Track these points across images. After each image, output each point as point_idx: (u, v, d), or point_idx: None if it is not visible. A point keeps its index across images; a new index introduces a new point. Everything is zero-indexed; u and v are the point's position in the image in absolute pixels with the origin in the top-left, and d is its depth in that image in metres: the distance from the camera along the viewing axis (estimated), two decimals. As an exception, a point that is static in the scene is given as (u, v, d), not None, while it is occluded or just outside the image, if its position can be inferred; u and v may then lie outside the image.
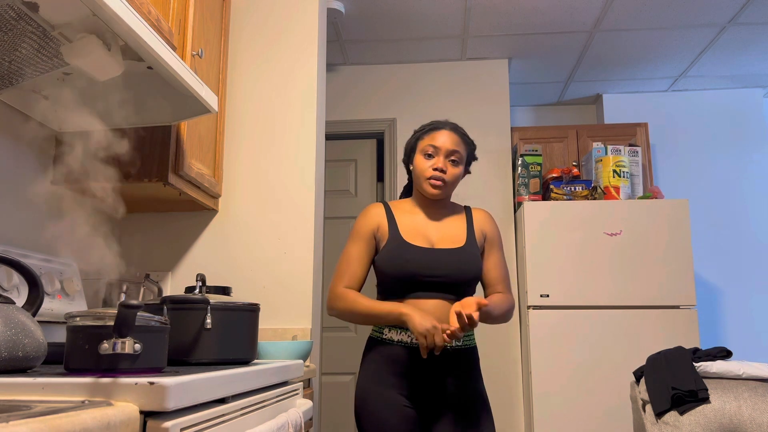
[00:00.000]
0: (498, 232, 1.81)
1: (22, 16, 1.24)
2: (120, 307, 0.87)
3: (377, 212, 1.75)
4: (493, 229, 1.79)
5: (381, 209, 1.76)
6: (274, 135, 2.34)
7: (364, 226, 1.73)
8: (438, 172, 1.68)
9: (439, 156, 1.69)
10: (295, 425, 1.23)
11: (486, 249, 1.78)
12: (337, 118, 3.92)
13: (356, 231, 1.74)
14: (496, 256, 1.77)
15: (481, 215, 1.81)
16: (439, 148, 1.69)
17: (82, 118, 1.65)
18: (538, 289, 3.25)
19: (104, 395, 0.76)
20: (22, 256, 1.54)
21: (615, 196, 3.43)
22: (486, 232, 1.78)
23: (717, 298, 4.08)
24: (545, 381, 3.17)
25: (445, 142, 1.70)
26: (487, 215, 1.81)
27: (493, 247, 1.78)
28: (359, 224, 1.74)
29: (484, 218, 1.80)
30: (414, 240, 1.69)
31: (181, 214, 2.28)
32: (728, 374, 2.06)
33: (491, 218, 1.82)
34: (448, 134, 1.71)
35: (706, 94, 4.30)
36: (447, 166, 1.70)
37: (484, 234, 1.78)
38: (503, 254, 1.80)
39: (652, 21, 3.39)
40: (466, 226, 1.76)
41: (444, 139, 1.70)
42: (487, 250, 1.78)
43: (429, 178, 1.69)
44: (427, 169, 1.70)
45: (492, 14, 3.35)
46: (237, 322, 1.35)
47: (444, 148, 1.69)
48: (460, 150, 1.71)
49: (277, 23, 2.43)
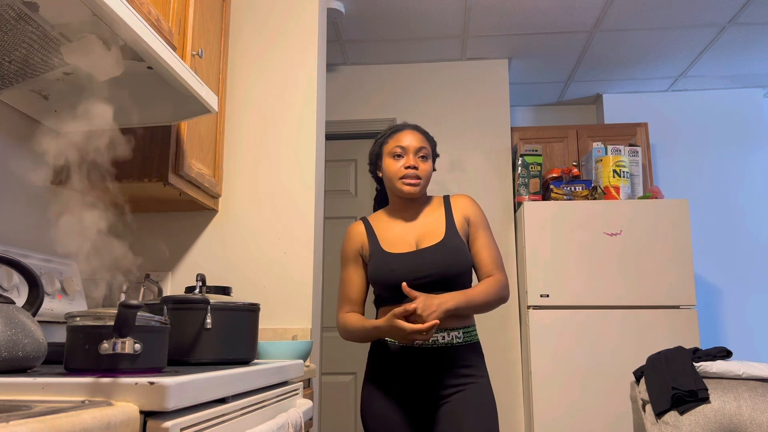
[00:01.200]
0: (482, 213, 1.77)
1: (22, 16, 1.24)
2: (120, 307, 0.87)
3: (358, 231, 1.79)
4: (475, 211, 1.76)
5: (361, 227, 1.79)
6: (274, 135, 2.34)
7: (349, 249, 1.79)
8: (411, 170, 1.69)
9: (408, 155, 1.71)
10: (295, 425, 1.23)
11: (471, 233, 1.75)
12: (337, 118, 3.92)
13: (344, 255, 1.80)
14: (483, 238, 1.74)
15: (460, 201, 1.78)
16: (407, 147, 1.71)
17: (82, 118, 1.65)
18: (538, 289, 3.25)
19: (104, 395, 0.76)
20: (22, 256, 1.54)
21: (615, 196, 3.43)
22: (468, 216, 1.75)
23: (717, 298, 4.08)
24: (545, 381, 3.17)
25: (411, 140, 1.72)
26: (467, 199, 1.78)
27: (479, 229, 1.74)
28: (344, 248, 1.80)
29: (464, 203, 1.77)
30: (395, 248, 1.70)
31: (181, 214, 2.28)
32: (728, 374, 2.06)
33: (472, 201, 1.78)
34: (412, 133, 1.74)
35: (706, 94, 4.30)
36: (418, 163, 1.71)
37: (466, 219, 1.75)
38: (491, 235, 1.76)
39: (652, 21, 3.39)
40: (445, 218, 1.74)
41: (410, 138, 1.72)
42: (473, 233, 1.74)
43: (402, 178, 1.70)
44: (399, 170, 1.71)
45: (492, 14, 3.35)
46: (237, 322, 1.35)
47: (412, 147, 1.71)
48: (426, 146, 1.74)
49: (277, 23, 2.43)
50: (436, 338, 1.63)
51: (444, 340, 1.63)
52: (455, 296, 1.59)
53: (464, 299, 1.60)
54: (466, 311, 1.62)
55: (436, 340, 1.63)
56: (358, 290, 1.76)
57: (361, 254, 1.76)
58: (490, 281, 1.68)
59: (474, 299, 1.62)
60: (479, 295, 1.64)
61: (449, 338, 1.64)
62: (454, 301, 1.57)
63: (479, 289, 1.65)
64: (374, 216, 1.82)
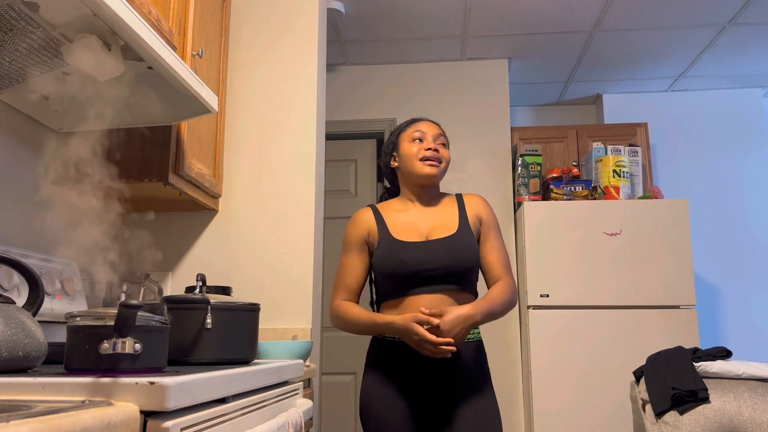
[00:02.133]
0: (494, 215, 1.77)
1: (22, 16, 1.24)
2: (120, 307, 0.87)
3: (365, 218, 1.75)
4: (488, 212, 1.75)
5: (369, 213, 1.76)
6: (274, 135, 2.34)
7: (353, 235, 1.74)
8: (432, 152, 1.70)
9: (428, 139, 1.73)
10: (295, 425, 1.23)
11: (482, 233, 1.74)
12: (337, 118, 3.92)
13: (347, 240, 1.76)
14: (493, 240, 1.73)
15: (474, 199, 1.77)
16: (426, 132, 1.73)
17: (82, 118, 1.65)
18: (538, 289, 3.25)
19: (104, 395, 0.76)
20: (22, 256, 1.54)
21: (615, 196, 3.43)
22: (481, 215, 1.74)
23: (717, 298, 4.08)
24: (545, 381, 3.17)
25: (430, 127, 1.75)
26: (480, 199, 1.78)
27: (491, 230, 1.74)
28: (349, 233, 1.75)
29: (478, 202, 1.76)
30: (406, 236, 1.68)
31: (181, 214, 2.28)
32: (728, 374, 2.06)
33: (485, 202, 1.78)
34: (430, 123, 1.77)
35: (706, 94, 4.30)
36: (439, 148, 1.72)
37: (479, 218, 1.74)
38: (501, 237, 1.75)
39: (652, 21, 3.39)
40: (458, 213, 1.73)
41: (428, 126, 1.76)
42: (484, 233, 1.74)
43: (423, 159, 1.69)
44: (419, 151, 1.71)
45: (492, 14, 3.35)
46: (237, 322, 1.35)
47: (431, 132, 1.74)
48: (444, 136, 1.77)
49: (277, 23, 2.43)
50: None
51: None
52: (480, 308, 1.56)
53: (489, 310, 1.58)
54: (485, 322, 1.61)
55: None
56: (357, 279, 1.72)
57: (367, 241, 1.72)
58: (504, 288, 1.66)
59: (496, 310, 1.61)
60: (501, 305, 1.62)
61: None
62: (481, 314, 1.56)
63: (499, 299, 1.63)
64: (383, 204, 1.80)
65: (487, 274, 1.73)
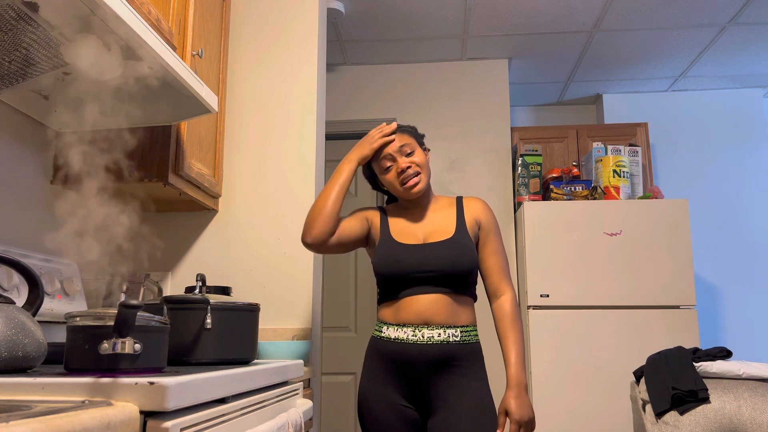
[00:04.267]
0: (494, 219, 1.76)
1: (22, 16, 1.24)
2: (120, 307, 0.87)
3: (374, 213, 1.81)
4: (487, 216, 1.75)
5: (377, 211, 1.81)
6: (274, 135, 2.34)
7: (362, 211, 1.81)
8: (407, 171, 1.70)
9: (396, 160, 1.72)
10: (295, 425, 1.23)
11: (482, 237, 1.74)
12: (337, 118, 3.92)
13: (355, 211, 1.82)
14: (493, 245, 1.73)
15: (473, 203, 1.77)
16: (391, 153, 1.72)
17: (81, 118, 1.65)
18: (538, 289, 3.25)
19: (104, 395, 0.76)
20: (22, 256, 1.54)
21: (615, 196, 3.43)
22: (480, 219, 1.74)
23: (717, 298, 4.08)
24: (545, 381, 3.17)
25: (392, 145, 1.73)
26: (480, 203, 1.77)
27: (490, 234, 1.73)
28: (358, 209, 1.83)
29: (477, 206, 1.76)
30: (404, 239, 1.71)
31: (180, 214, 2.28)
32: (728, 374, 2.06)
33: (485, 205, 1.77)
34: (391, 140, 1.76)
35: (706, 94, 4.30)
36: (407, 161, 1.71)
37: (477, 222, 1.74)
38: (501, 242, 1.75)
39: (652, 21, 3.39)
40: (456, 217, 1.74)
41: (391, 145, 1.74)
42: (483, 237, 1.73)
43: (402, 183, 1.71)
44: (396, 177, 1.72)
45: (492, 14, 3.35)
46: (237, 322, 1.35)
47: (393, 149, 1.72)
48: (406, 140, 1.74)
49: (277, 23, 2.43)
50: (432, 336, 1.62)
51: (440, 337, 1.62)
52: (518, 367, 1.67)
53: (521, 355, 1.68)
54: None
55: (432, 337, 1.62)
56: (346, 226, 1.75)
57: (369, 225, 1.78)
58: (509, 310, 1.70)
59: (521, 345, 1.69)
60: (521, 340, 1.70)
61: (445, 336, 1.62)
62: (521, 371, 1.67)
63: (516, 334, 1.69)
64: (389, 207, 1.85)
65: (486, 279, 1.74)
